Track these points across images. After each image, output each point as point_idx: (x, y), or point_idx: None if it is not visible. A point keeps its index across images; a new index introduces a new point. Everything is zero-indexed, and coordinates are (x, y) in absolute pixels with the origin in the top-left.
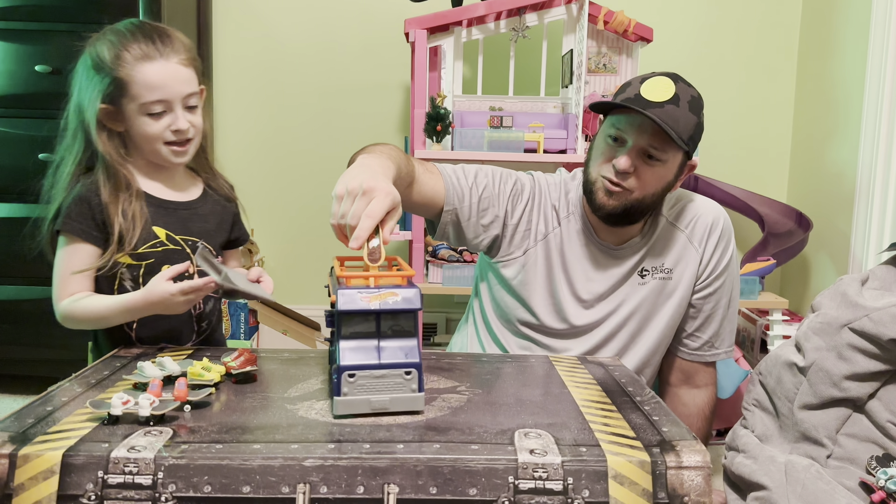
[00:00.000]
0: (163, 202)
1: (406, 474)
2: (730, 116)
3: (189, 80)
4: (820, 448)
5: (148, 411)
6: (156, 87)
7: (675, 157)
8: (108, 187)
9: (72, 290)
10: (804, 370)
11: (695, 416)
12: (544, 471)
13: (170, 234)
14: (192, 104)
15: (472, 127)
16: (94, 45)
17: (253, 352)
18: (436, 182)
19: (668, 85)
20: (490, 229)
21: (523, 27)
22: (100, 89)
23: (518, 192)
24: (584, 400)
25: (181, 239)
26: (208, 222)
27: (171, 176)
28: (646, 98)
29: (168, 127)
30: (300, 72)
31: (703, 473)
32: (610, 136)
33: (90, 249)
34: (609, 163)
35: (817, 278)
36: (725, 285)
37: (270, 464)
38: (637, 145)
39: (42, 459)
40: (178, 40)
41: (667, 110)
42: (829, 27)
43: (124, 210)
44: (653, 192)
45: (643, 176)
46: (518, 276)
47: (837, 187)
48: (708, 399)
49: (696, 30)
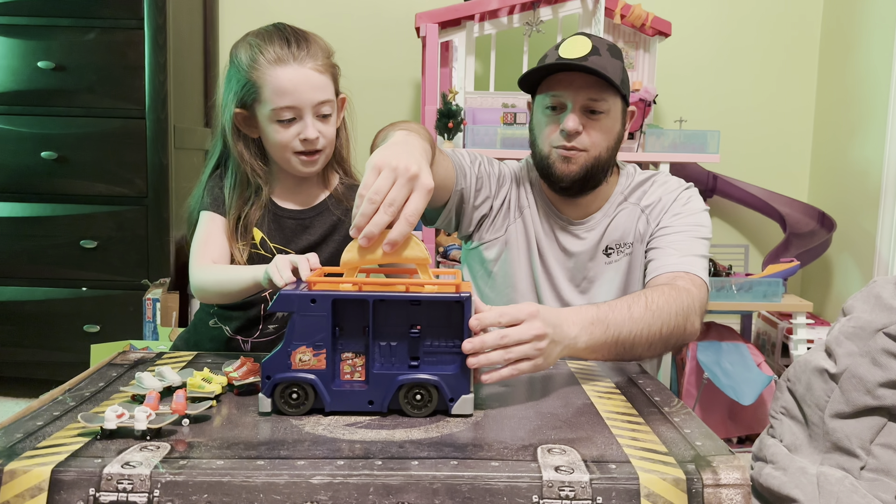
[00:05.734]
0: (275, 207)
1: (421, 493)
2: (749, 113)
3: (322, 86)
4: (853, 459)
5: (144, 425)
6: (286, 93)
7: (615, 105)
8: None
9: (211, 254)
10: (836, 377)
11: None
12: (571, 489)
13: (265, 240)
14: (325, 112)
15: (485, 124)
16: (236, 47)
17: (256, 361)
18: (447, 163)
19: (584, 40)
20: (480, 209)
21: (537, 21)
22: (235, 91)
23: (502, 174)
24: (608, 412)
25: (275, 247)
26: (313, 235)
27: (301, 183)
28: (567, 58)
29: (297, 135)
30: None
31: (743, 492)
32: (547, 106)
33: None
34: (555, 132)
35: (840, 280)
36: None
37: (275, 481)
38: (577, 103)
39: (30, 475)
40: (315, 45)
41: (592, 61)
42: (851, 21)
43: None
44: (606, 145)
45: (592, 132)
46: (501, 257)
47: (861, 186)
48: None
49: (715, 24)
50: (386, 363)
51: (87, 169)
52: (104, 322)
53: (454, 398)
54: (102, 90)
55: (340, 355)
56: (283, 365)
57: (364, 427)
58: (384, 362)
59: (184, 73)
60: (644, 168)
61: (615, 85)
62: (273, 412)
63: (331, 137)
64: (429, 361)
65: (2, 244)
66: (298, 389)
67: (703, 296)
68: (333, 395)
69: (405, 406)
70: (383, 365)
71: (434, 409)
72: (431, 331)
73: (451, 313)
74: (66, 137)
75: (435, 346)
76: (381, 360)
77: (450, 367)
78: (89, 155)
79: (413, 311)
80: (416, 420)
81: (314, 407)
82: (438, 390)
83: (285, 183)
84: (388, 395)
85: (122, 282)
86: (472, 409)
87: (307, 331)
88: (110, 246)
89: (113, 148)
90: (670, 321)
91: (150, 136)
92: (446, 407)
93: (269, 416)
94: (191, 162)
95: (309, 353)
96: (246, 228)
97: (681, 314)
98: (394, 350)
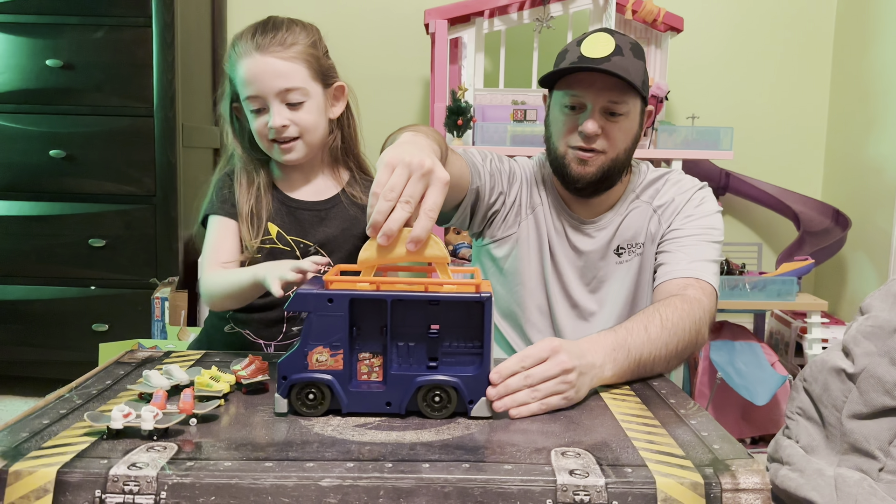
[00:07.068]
0: (286, 199)
1: (433, 496)
2: (762, 109)
3: (287, 74)
4: (871, 461)
5: (151, 425)
6: (248, 83)
7: (634, 106)
8: (241, 179)
9: (221, 258)
10: (853, 377)
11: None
12: (586, 493)
13: (281, 233)
14: (294, 100)
15: (494, 121)
16: None
17: (265, 359)
18: (461, 163)
19: (608, 39)
20: (494, 206)
21: (547, 17)
22: (227, 85)
23: (513, 171)
24: (623, 414)
25: (292, 240)
26: (330, 227)
27: (306, 174)
28: (590, 57)
29: (267, 124)
30: None
31: (763, 496)
32: (566, 105)
33: (235, 225)
34: (573, 132)
35: (855, 279)
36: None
37: (284, 483)
38: (598, 105)
39: (35, 476)
40: (289, 33)
41: (615, 62)
42: (866, 15)
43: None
44: (624, 147)
45: (611, 134)
46: (512, 254)
47: (877, 183)
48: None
49: (727, 19)
50: (404, 364)
51: (96, 167)
52: (112, 321)
53: (474, 400)
54: (110, 88)
55: (358, 355)
56: (300, 365)
57: (374, 428)
58: (402, 363)
59: (192, 71)
60: (656, 166)
61: (636, 87)
62: (289, 413)
63: (307, 125)
64: (448, 363)
65: (10, 243)
66: (315, 390)
67: (713, 304)
68: (350, 396)
69: (423, 408)
70: (401, 366)
71: (453, 412)
72: (451, 331)
73: (471, 313)
74: (74, 136)
75: (454, 347)
76: (398, 360)
77: (469, 368)
78: (97, 153)
79: (432, 311)
80: (427, 421)
81: (331, 408)
82: (458, 392)
83: (291, 175)
84: (406, 396)
85: (131, 280)
86: (491, 412)
87: (324, 331)
88: (119, 245)
89: (121, 146)
90: (685, 336)
91: (159, 135)
92: (465, 409)
93: (281, 416)
94: (199, 160)
95: (326, 353)
96: (260, 223)
97: (693, 328)
98: (412, 351)
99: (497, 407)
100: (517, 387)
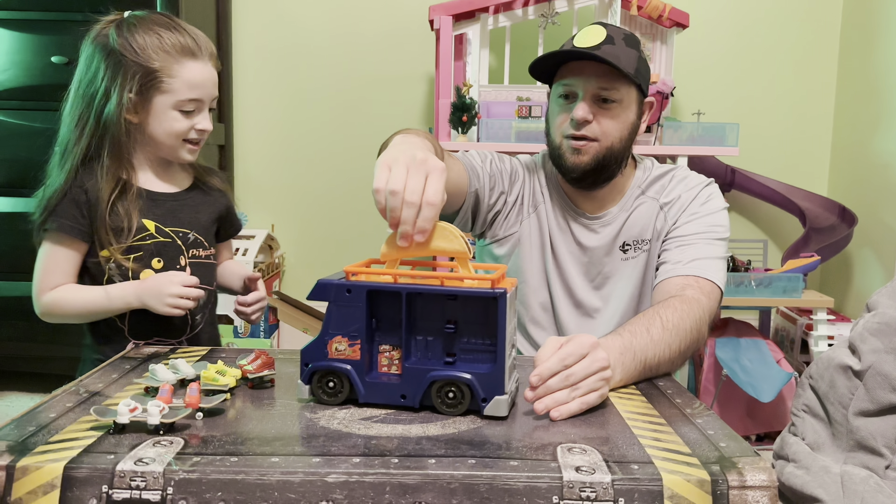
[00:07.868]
0: (151, 193)
1: (439, 492)
2: (768, 105)
3: (216, 82)
4: (878, 458)
5: (157, 419)
6: (196, 86)
7: (629, 94)
8: (107, 181)
9: (55, 282)
10: (860, 374)
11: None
12: (592, 490)
13: (159, 227)
14: (213, 107)
15: (499, 117)
16: (115, 31)
17: (270, 354)
18: (459, 167)
19: (599, 30)
20: (495, 206)
21: (553, 13)
22: (129, 77)
23: (515, 170)
24: (628, 412)
25: (171, 231)
26: (199, 212)
27: (165, 168)
28: (580, 47)
29: (194, 126)
30: (321, 62)
31: (770, 494)
32: (560, 96)
33: (77, 244)
34: (567, 121)
35: (861, 276)
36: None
37: (290, 479)
38: (588, 92)
39: (42, 472)
40: (206, 40)
41: (605, 50)
42: (872, 11)
43: (121, 205)
44: (619, 136)
45: (603, 121)
46: (514, 253)
47: (883, 179)
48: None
49: (733, 15)
50: (421, 358)
51: None
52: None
53: (487, 398)
54: None
55: (378, 347)
56: (321, 353)
57: (380, 422)
58: (419, 357)
59: None
60: (661, 161)
61: (628, 74)
62: (311, 400)
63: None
64: (465, 359)
65: (15, 239)
66: (335, 378)
67: (713, 302)
68: (367, 387)
69: (437, 403)
70: (418, 360)
71: (467, 409)
72: (468, 327)
73: (488, 309)
74: None
75: (471, 344)
76: (415, 354)
77: (484, 366)
78: None
79: (449, 306)
80: (434, 415)
81: (350, 397)
82: (471, 389)
83: (153, 168)
84: (420, 390)
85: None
86: (506, 412)
87: (343, 320)
88: None
89: None
90: (686, 337)
91: None
92: (479, 407)
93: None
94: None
95: (344, 342)
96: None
97: (694, 328)
98: (429, 345)
99: (538, 409)
100: (557, 387)
